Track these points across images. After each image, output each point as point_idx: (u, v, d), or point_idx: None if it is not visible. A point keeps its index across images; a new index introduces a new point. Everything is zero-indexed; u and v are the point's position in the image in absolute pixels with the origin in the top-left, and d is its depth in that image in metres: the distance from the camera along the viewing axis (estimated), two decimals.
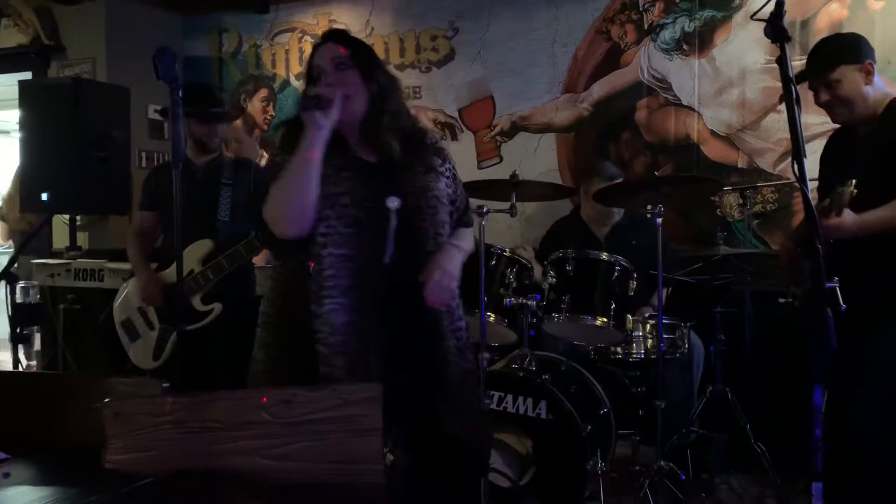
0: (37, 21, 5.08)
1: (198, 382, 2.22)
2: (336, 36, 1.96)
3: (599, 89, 4.39)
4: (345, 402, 1.33)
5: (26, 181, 4.14)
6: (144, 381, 1.56)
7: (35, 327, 4.06)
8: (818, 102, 2.44)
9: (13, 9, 5.16)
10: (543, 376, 2.91)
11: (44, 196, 4.01)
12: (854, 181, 2.04)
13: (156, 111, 5.04)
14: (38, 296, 4.08)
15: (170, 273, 3.03)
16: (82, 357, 3.98)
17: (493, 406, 2.86)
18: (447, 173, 2.00)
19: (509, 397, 2.88)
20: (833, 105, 2.40)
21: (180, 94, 1.69)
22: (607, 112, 4.37)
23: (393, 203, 1.83)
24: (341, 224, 1.84)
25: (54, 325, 4.06)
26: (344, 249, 1.84)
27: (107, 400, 1.21)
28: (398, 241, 1.83)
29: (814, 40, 3.75)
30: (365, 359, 1.82)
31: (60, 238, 4.75)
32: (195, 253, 2.98)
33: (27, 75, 5.09)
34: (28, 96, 4.19)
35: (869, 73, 2.36)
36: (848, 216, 2.11)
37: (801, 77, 2.40)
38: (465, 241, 2.03)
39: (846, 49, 2.40)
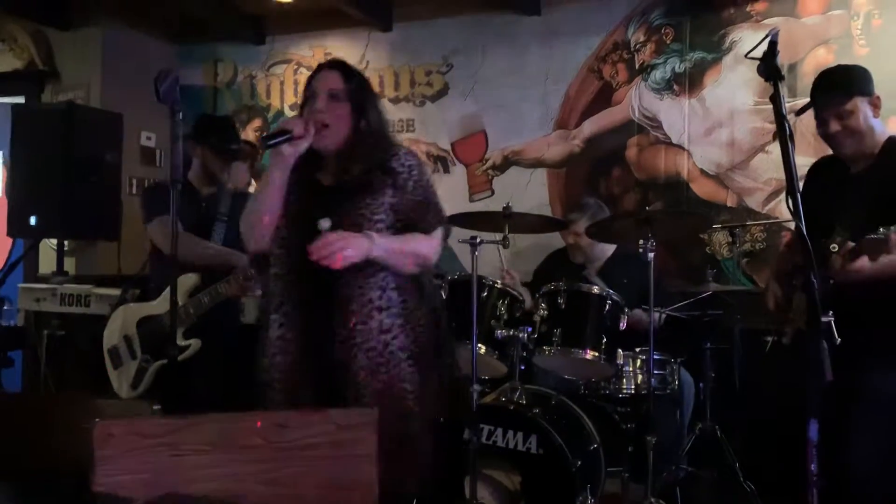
0: (32, 46, 5.10)
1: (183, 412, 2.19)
2: (338, 66, 2.08)
3: (591, 126, 4.44)
4: (339, 428, 1.32)
5: (15, 205, 4.12)
6: (134, 402, 1.53)
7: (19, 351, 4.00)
8: (826, 132, 2.37)
9: (8, 33, 5.18)
10: (534, 410, 2.90)
11: (32, 220, 3.98)
12: (893, 227, 1.98)
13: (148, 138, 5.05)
14: (23, 320, 4.02)
15: (154, 305, 3.01)
16: (65, 383, 3.91)
17: (483, 440, 2.83)
18: (403, 184, 2.00)
19: (499, 431, 2.85)
20: (842, 136, 2.34)
21: (181, 115, 1.71)
22: (598, 149, 4.42)
23: (324, 224, 1.87)
24: (275, 244, 1.97)
25: (38, 350, 4.00)
26: (276, 268, 1.96)
27: (97, 420, 1.19)
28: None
29: (801, 83, 3.84)
30: (292, 376, 1.91)
31: (47, 263, 4.71)
32: (181, 286, 2.93)
33: (20, 100, 5.09)
34: (21, 121, 4.18)
35: (877, 107, 2.34)
36: (861, 263, 2.05)
37: (806, 107, 2.37)
38: (402, 240, 1.98)
39: (859, 80, 2.36)
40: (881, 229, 1.99)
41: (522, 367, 3.06)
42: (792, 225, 1.87)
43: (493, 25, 4.62)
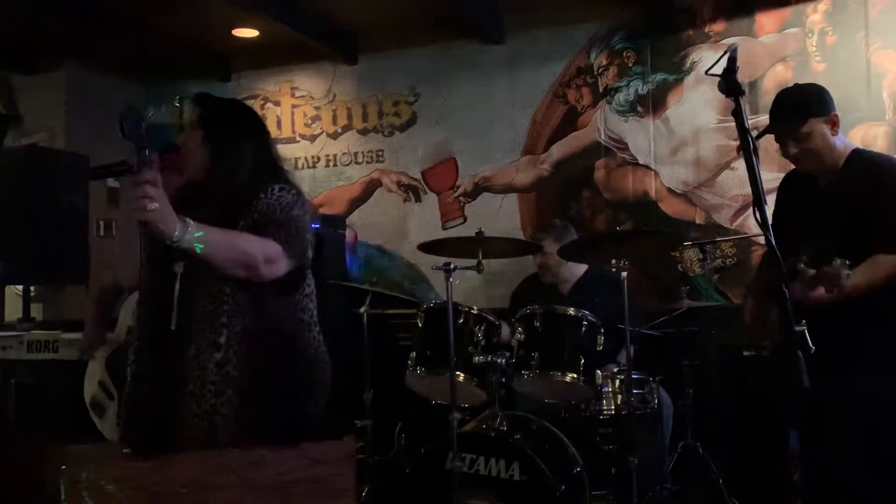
0: None
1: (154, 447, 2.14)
2: (193, 97, 2.06)
3: (558, 150, 4.49)
4: (315, 462, 1.29)
5: None
6: (103, 446, 1.49)
7: None
8: (786, 155, 2.41)
9: None
10: (515, 436, 2.87)
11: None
12: (848, 262, 1.97)
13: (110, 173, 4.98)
14: None
15: (113, 337, 2.94)
16: (35, 431, 3.80)
17: (465, 469, 2.79)
18: (262, 211, 1.90)
19: (481, 459, 2.81)
20: (801, 157, 2.37)
21: (147, 152, 1.67)
22: (567, 172, 4.46)
23: (178, 269, 1.81)
24: (138, 286, 1.88)
25: (4, 399, 3.88)
26: (139, 311, 1.90)
27: (64, 467, 1.15)
28: (184, 306, 1.81)
29: (762, 100, 3.92)
30: (137, 411, 1.86)
31: (13, 310, 4.60)
32: (127, 306, 2.88)
33: None
34: None
35: (835, 125, 2.36)
36: (820, 292, 2.03)
37: (765, 132, 2.41)
38: (227, 232, 1.82)
39: (813, 101, 2.38)
40: (836, 261, 1.99)
41: (502, 393, 3.04)
42: (761, 239, 1.88)
43: (459, 55, 4.67)
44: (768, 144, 2.55)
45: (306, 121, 5.09)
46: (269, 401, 1.88)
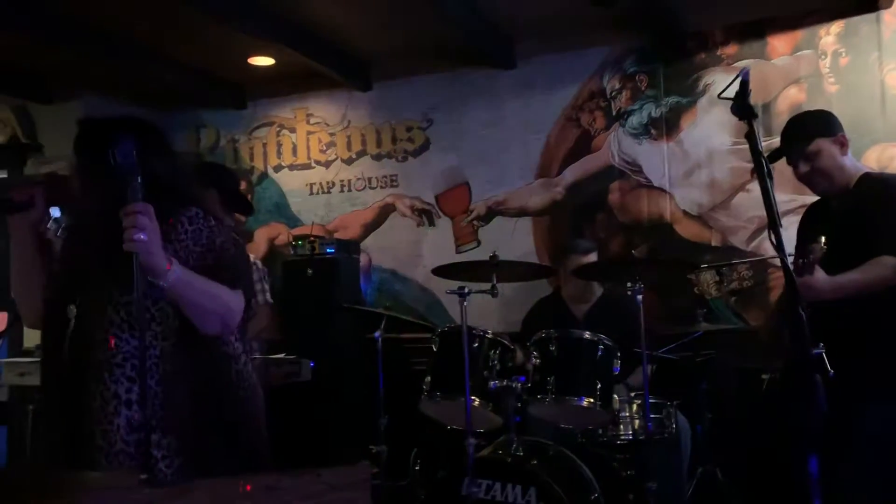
0: (14, 120, 5.13)
1: None
2: (77, 122, 1.84)
3: (572, 174, 4.49)
4: (331, 488, 1.28)
5: None
6: (119, 473, 1.49)
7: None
8: (798, 175, 2.49)
9: None
10: (532, 462, 2.84)
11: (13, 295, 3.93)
12: (823, 238, 2.07)
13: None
14: (6, 395, 3.94)
15: None
16: (52, 457, 3.81)
17: (482, 495, 2.76)
18: (186, 254, 1.72)
19: (497, 485, 2.79)
20: (813, 176, 2.46)
21: (139, 180, 1.62)
22: (581, 195, 4.46)
23: (72, 311, 1.69)
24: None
25: (22, 425, 3.91)
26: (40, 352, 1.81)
27: (85, 493, 1.15)
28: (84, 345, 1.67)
29: (776, 122, 3.92)
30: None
31: (32, 336, 4.64)
32: None
33: (3, 174, 5.10)
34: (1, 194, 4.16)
35: (843, 146, 2.45)
36: (821, 276, 2.14)
37: (776, 154, 2.47)
38: (206, 280, 1.70)
39: (820, 123, 2.50)
40: (809, 245, 2.12)
41: (518, 419, 3.01)
42: (778, 261, 1.89)
43: (471, 80, 4.71)
44: (784, 167, 2.56)
45: (321, 147, 5.13)
46: (204, 448, 1.73)
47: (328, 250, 4.52)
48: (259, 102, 5.30)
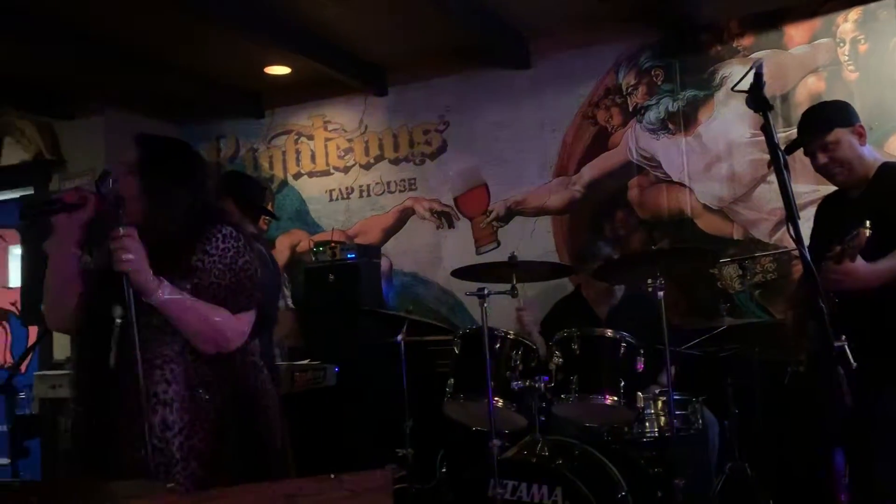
0: (39, 137, 5.22)
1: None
2: (135, 139, 1.97)
3: (590, 171, 4.48)
4: (353, 494, 1.29)
5: (27, 294, 4.16)
6: (147, 482, 1.51)
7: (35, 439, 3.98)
8: (817, 166, 2.47)
9: (16, 127, 5.31)
10: (557, 461, 2.84)
11: (42, 307, 4.00)
12: (868, 222, 2.04)
13: None
14: (38, 408, 4.01)
15: None
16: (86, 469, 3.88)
17: (507, 496, 2.77)
18: (210, 267, 1.85)
19: (523, 486, 2.79)
20: (831, 167, 2.43)
21: (123, 209, 1.77)
22: (599, 192, 4.44)
23: (117, 312, 1.75)
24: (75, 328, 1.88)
25: (55, 437, 3.98)
26: (73, 353, 1.86)
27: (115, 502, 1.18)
28: (124, 350, 1.73)
29: (795, 113, 3.87)
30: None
31: (61, 349, 4.73)
32: None
33: (30, 191, 5.19)
34: (28, 210, 4.24)
35: (861, 136, 2.43)
36: (860, 263, 2.11)
37: (794, 145, 2.45)
38: (200, 302, 1.81)
39: (837, 113, 2.48)
40: (854, 230, 2.07)
41: (542, 418, 3.01)
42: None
43: (485, 82, 4.71)
44: (803, 157, 2.54)
45: (339, 153, 5.16)
46: (230, 453, 1.83)
47: (349, 255, 4.54)
48: (276, 111, 5.34)
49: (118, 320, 1.73)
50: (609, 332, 3.00)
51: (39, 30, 3.91)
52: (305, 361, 3.87)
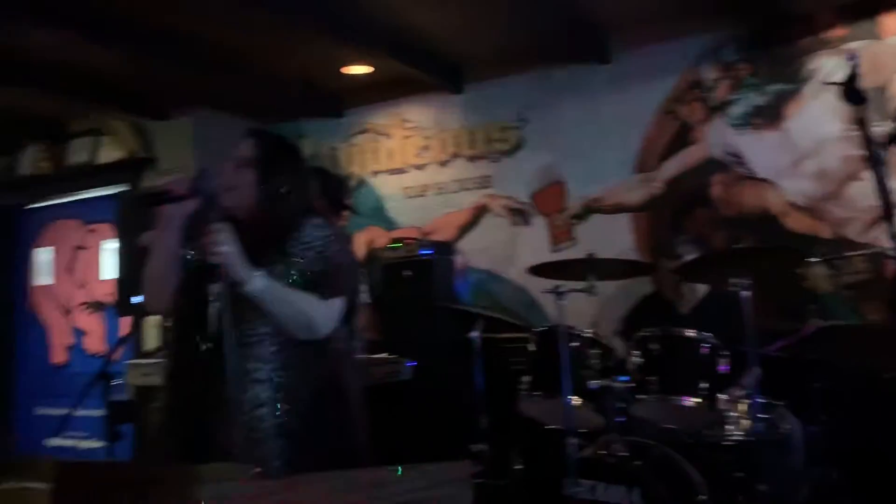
0: (132, 137, 5.49)
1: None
2: (250, 134, 2.11)
3: (671, 167, 4.38)
4: (435, 484, 1.31)
5: (123, 286, 4.37)
6: (235, 466, 1.57)
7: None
8: None
9: (111, 127, 5.60)
10: (635, 462, 2.80)
11: (134, 300, 4.21)
12: None
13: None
14: (132, 394, 4.21)
15: None
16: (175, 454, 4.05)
17: (584, 495, 2.75)
18: (302, 254, 1.95)
19: (601, 486, 2.76)
20: None
21: (218, 204, 1.91)
22: (680, 189, 4.34)
23: (213, 291, 1.82)
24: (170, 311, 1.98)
25: (147, 423, 4.16)
26: (168, 336, 1.95)
27: (203, 486, 1.23)
28: (222, 328, 1.80)
29: (891, 105, 3.69)
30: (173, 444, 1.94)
31: (151, 339, 4.95)
32: None
33: (124, 187, 5.46)
34: (123, 206, 4.49)
35: None
36: None
37: (892, 139, 2.33)
38: (291, 291, 1.91)
39: None
40: None
41: (620, 418, 2.97)
42: None
43: (564, 77, 4.67)
44: None
45: (416, 151, 5.22)
46: (317, 435, 1.92)
47: (425, 252, 4.59)
48: (355, 110, 5.44)
49: (214, 301, 1.82)
50: (690, 332, 2.94)
51: (135, 37, 4.10)
52: (382, 355, 3.94)
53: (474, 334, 3.68)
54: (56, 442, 5.91)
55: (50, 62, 4.50)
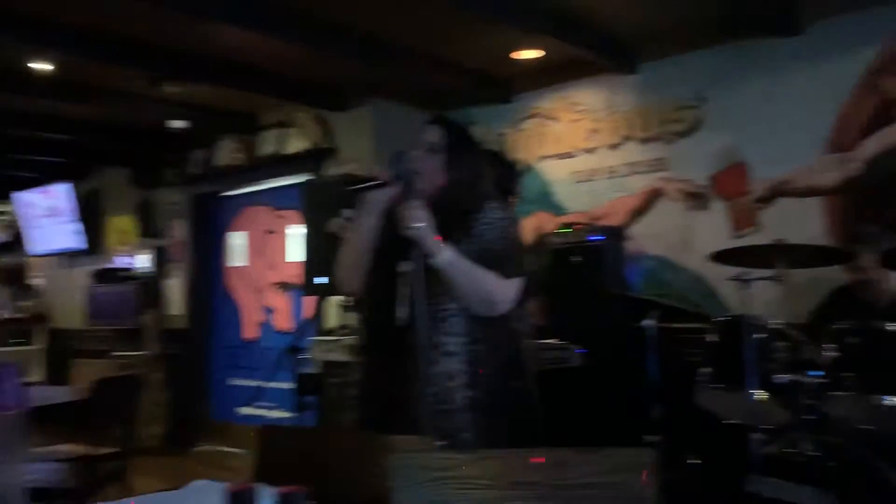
0: (315, 128, 5.84)
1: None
2: (437, 121, 2.23)
3: (872, 146, 3.99)
4: (617, 468, 1.29)
5: (308, 268, 4.68)
6: (420, 438, 1.65)
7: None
8: None
9: (297, 120, 6.00)
10: (829, 463, 2.60)
11: (317, 280, 4.49)
12: None
13: None
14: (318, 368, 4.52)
15: None
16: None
17: (769, 494, 2.59)
18: (481, 234, 2.06)
19: (789, 485, 2.60)
20: None
21: (413, 184, 2.04)
22: (883, 170, 3.94)
23: (407, 266, 1.95)
24: (362, 290, 2.13)
25: (331, 394, 4.45)
26: (362, 313, 2.09)
27: (392, 454, 1.30)
28: (415, 303, 1.93)
29: None
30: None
31: (330, 319, 5.27)
32: None
33: (309, 176, 5.82)
34: (308, 193, 4.80)
35: None
36: None
37: None
38: (475, 268, 2.00)
39: None
40: None
41: (811, 416, 2.77)
42: None
43: (748, 52, 4.38)
44: None
45: (585, 135, 5.13)
46: (506, 411, 2.03)
47: (594, 237, 4.50)
48: (523, 95, 5.43)
49: (407, 274, 1.97)
50: (894, 326, 2.67)
51: (318, 34, 4.36)
52: (552, 340, 3.93)
53: (648, 323, 3.58)
54: (247, 411, 6.47)
55: (240, 62, 4.91)
